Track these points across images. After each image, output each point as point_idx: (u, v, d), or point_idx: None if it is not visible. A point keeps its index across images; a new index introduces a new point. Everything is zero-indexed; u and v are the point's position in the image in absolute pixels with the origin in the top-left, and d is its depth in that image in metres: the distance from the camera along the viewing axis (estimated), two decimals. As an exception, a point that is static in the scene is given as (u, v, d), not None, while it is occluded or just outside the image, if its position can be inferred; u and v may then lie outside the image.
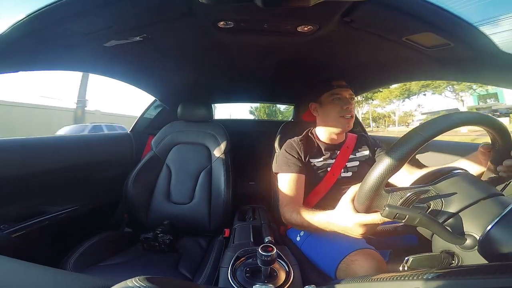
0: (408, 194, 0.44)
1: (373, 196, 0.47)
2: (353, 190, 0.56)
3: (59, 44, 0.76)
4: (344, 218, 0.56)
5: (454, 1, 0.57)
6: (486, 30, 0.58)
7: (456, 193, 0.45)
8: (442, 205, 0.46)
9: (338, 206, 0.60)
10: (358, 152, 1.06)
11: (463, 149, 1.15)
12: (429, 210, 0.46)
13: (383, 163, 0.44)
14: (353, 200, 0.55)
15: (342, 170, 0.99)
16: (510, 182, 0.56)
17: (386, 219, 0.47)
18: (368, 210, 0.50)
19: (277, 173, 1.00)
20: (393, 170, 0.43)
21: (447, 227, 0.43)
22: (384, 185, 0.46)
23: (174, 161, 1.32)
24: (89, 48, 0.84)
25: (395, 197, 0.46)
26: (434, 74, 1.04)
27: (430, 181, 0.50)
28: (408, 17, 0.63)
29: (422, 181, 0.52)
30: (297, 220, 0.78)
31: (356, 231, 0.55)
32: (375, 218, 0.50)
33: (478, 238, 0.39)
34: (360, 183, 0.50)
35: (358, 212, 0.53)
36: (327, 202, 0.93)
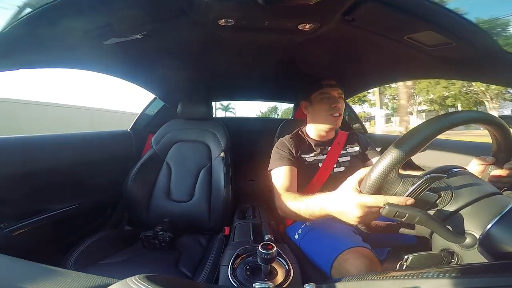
0: (421, 181, 0.43)
1: (384, 179, 0.45)
2: (361, 172, 0.53)
3: (58, 42, 0.75)
4: (346, 198, 0.53)
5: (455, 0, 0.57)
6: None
7: (468, 184, 0.45)
8: (452, 196, 0.44)
9: (342, 186, 0.56)
10: (349, 148, 1.08)
11: (464, 149, 1.15)
12: (439, 199, 0.45)
13: (403, 144, 0.43)
14: (359, 182, 0.52)
15: (335, 165, 1.01)
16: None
17: (390, 198, 0.45)
18: (375, 193, 0.48)
19: (271, 169, 1.00)
20: (412, 151, 0.43)
21: (446, 226, 0.43)
22: (399, 169, 0.45)
23: (174, 159, 1.32)
24: (89, 46, 0.83)
25: (407, 183, 0.45)
26: (435, 73, 1.04)
27: None
28: (409, 16, 0.63)
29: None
30: (293, 207, 0.76)
31: (354, 213, 0.51)
32: (379, 200, 0.46)
33: (478, 237, 0.39)
34: (370, 166, 0.48)
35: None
36: None
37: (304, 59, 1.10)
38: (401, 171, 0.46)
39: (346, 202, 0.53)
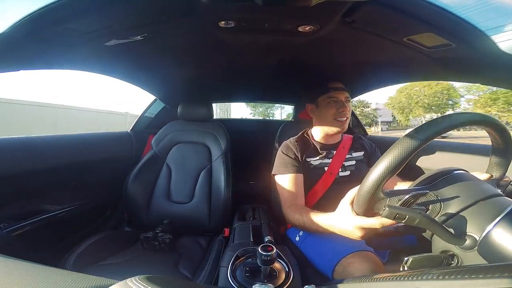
0: (406, 197, 0.44)
1: (371, 199, 0.46)
2: (352, 192, 0.57)
3: (59, 43, 0.76)
4: (344, 220, 0.57)
5: (456, 2, 0.57)
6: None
7: (455, 197, 0.45)
8: (441, 208, 0.46)
9: (338, 208, 0.60)
10: (354, 152, 1.08)
11: (467, 150, 1.15)
12: (428, 212, 0.46)
13: (380, 165, 0.44)
14: (352, 203, 0.55)
15: (340, 169, 1.00)
16: (510, 183, 0.56)
17: (385, 222, 0.47)
18: (367, 212, 0.50)
19: (275, 174, 1.00)
20: (390, 172, 0.43)
21: (446, 228, 0.42)
22: (382, 188, 0.45)
23: (174, 160, 1.32)
24: (89, 47, 0.84)
25: (393, 200, 0.46)
26: (435, 75, 1.04)
27: (430, 182, 0.50)
28: (409, 18, 0.63)
29: (422, 182, 0.52)
30: (299, 221, 0.79)
31: (355, 234, 0.55)
32: (374, 222, 0.50)
33: (478, 238, 0.39)
34: (359, 185, 0.50)
35: (358, 214, 0.53)
36: (326, 201, 0.93)
37: (305, 60, 1.10)
38: (399, 183, 0.47)
39: (345, 224, 0.56)
